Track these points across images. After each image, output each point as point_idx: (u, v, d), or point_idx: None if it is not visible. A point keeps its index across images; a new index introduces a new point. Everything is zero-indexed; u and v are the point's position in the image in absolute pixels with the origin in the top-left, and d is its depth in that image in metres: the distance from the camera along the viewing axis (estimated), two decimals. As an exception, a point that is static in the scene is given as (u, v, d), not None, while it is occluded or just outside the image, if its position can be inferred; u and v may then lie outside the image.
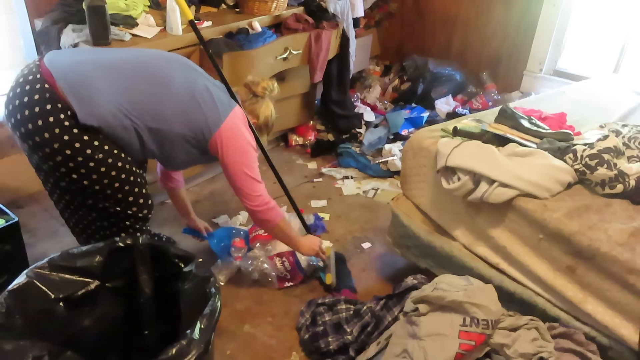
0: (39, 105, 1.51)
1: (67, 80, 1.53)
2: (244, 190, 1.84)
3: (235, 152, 1.79)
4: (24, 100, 1.53)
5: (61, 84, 1.52)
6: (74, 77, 1.55)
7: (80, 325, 1.39)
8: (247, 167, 1.82)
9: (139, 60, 1.70)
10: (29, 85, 1.53)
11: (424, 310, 1.56)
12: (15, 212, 1.98)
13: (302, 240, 2.07)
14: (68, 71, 1.56)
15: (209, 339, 1.17)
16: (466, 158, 1.72)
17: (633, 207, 1.62)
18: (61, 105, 1.51)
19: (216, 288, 1.31)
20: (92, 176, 1.60)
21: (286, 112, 3.15)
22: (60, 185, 1.68)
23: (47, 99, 1.51)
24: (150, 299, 1.48)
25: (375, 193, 2.89)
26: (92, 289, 1.40)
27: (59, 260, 1.36)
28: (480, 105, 3.55)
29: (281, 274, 2.13)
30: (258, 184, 1.86)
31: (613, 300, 1.48)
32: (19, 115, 1.54)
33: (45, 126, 1.51)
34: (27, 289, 1.28)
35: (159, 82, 1.66)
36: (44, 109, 1.51)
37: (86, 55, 1.70)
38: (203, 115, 1.71)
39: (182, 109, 1.68)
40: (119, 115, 1.57)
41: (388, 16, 4.12)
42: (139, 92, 1.61)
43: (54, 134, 1.52)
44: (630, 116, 2.27)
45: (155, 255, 1.45)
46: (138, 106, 1.60)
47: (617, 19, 3.26)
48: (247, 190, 1.84)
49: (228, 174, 1.84)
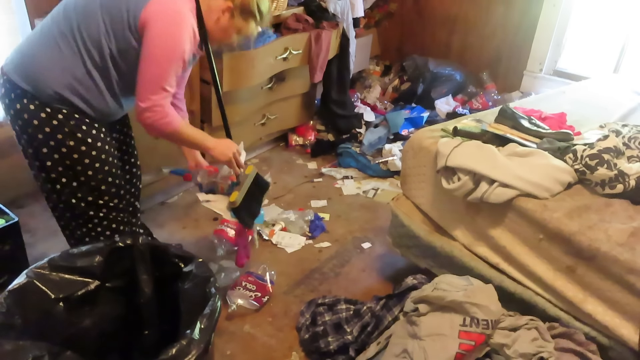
0: (2, 99, 1.56)
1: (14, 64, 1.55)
2: (142, 84, 1.50)
3: (159, 32, 1.45)
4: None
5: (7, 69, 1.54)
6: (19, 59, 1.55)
7: (80, 325, 1.39)
8: (163, 61, 1.48)
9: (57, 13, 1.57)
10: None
11: (424, 310, 1.56)
12: (15, 212, 1.98)
13: (213, 142, 1.74)
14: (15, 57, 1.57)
15: (209, 339, 1.17)
16: (466, 158, 1.72)
17: (633, 207, 1.62)
18: (20, 90, 1.52)
19: (216, 288, 1.31)
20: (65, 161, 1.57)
21: (286, 112, 3.15)
22: (42, 185, 1.67)
23: (7, 89, 1.54)
24: (150, 299, 1.48)
25: (375, 193, 2.89)
26: (92, 289, 1.40)
27: (59, 260, 1.35)
28: (480, 105, 3.55)
29: (251, 296, 2.04)
30: (163, 91, 1.51)
31: (613, 300, 1.48)
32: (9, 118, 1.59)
33: (14, 116, 1.55)
34: (27, 289, 1.28)
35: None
36: (7, 100, 1.54)
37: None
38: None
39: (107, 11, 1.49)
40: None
41: (388, 16, 4.12)
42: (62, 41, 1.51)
43: (22, 121, 1.54)
44: (630, 116, 2.27)
45: (155, 255, 1.45)
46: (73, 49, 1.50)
47: (617, 19, 3.26)
48: (147, 86, 1.50)
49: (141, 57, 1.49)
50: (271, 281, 2.13)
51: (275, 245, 2.41)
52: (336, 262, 2.33)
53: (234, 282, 2.11)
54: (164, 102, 1.52)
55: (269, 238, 2.44)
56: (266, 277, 2.12)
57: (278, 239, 2.44)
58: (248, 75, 2.58)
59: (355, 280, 2.21)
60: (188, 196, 2.76)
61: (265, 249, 2.38)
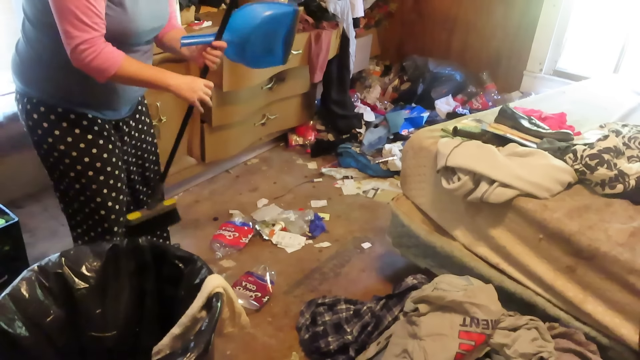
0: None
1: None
2: (62, 28, 1.34)
3: None
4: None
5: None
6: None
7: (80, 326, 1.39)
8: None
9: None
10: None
11: (424, 310, 1.56)
12: (15, 212, 1.98)
13: (175, 78, 1.51)
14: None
15: (209, 339, 1.17)
16: (466, 158, 1.72)
17: (633, 207, 1.62)
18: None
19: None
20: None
21: (286, 112, 3.15)
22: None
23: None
24: (151, 299, 1.48)
25: (375, 193, 2.89)
26: (92, 289, 1.40)
27: (59, 260, 1.35)
28: (480, 105, 3.55)
29: (252, 297, 2.05)
30: (80, 27, 1.32)
31: (613, 300, 1.48)
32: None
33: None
34: (27, 289, 1.28)
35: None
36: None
37: None
38: None
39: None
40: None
41: (388, 16, 4.12)
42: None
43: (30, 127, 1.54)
44: (630, 116, 2.27)
45: (156, 256, 1.45)
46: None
47: (617, 19, 3.26)
48: (65, 27, 1.33)
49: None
50: (271, 281, 2.13)
51: (275, 245, 2.41)
52: (336, 262, 2.33)
53: (234, 282, 2.11)
54: (90, 37, 1.34)
55: (269, 238, 2.44)
56: (266, 277, 2.12)
57: (278, 239, 2.44)
58: (248, 75, 2.58)
59: (355, 280, 2.21)
60: (188, 196, 2.76)
61: (265, 249, 2.38)
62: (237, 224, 2.48)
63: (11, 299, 1.24)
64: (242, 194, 2.82)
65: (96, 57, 1.37)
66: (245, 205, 2.70)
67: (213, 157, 2.74)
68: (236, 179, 2.97)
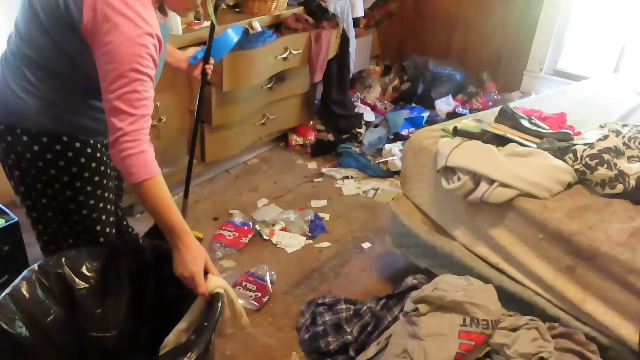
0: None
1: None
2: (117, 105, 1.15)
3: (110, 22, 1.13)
4: None
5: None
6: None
7: (80, 326, 1.39)
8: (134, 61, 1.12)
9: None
10: None
11: (424, 310, 1.56)
12: (15, 212, 1.98)
13: (192, 238, 1.26)
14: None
15: (209, 339, 1.17)
16: (466, 158, 1.72)
17: (633, 207, 1.62)
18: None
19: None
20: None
21: (286, 112, 3.15)
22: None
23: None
24: (151, 299, 1.48)
25: (375, 193, 2.89)
26: (93, 289, 1.40)
27: (60, 260, 1.35)
28: (480, 105, 3.55)
29: (252, 297, 2.05)
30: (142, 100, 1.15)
31: (613, 300, 1.48)
32: None
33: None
34: (27, 289, 1.28)
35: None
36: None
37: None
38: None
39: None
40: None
41: (388, 16, 4.12)
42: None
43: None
44: (630, 116, 2.27)
45: (156, 256, 1.45)
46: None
47: (617, 19, 3.26)
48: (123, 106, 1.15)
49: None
50: (271, 281, 2.13)
51: (275, 245, 2.41)
52: (336, 262, 2.33)
53: (234, 282, 2.11)
54: (141, 122, 1.15)
55: (269, 238, 2.44)
56: (266, 277, 2.12)
57: (278, 239, 2.44)
58: (248, 75, 2.58)
59: (355, 280, 2.21)
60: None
61: (265, 249, 2.39)
62: (237, 223, 2.48)
63: (11, 299, 1.24)
64: (242, 194, 2.82)
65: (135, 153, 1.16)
66: (245, 205, 2.70)
67: (213, 157, 2.74)
68: (236, 179, 2.97)
